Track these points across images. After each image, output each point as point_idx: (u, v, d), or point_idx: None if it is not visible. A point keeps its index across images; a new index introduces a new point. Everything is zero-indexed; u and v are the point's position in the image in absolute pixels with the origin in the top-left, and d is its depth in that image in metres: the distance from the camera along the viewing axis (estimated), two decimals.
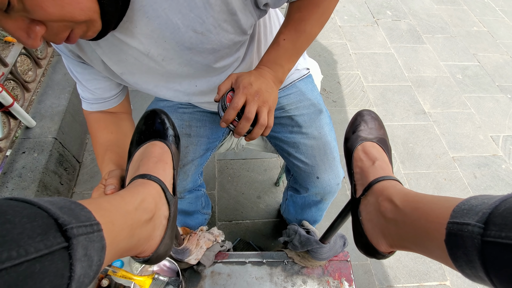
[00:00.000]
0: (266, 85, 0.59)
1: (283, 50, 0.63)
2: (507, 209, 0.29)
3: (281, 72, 0.63)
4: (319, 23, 0.64)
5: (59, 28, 0.43)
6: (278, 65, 0.63)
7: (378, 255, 0.49)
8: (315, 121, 0.88)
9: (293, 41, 0.62)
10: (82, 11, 0.43)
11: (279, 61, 0.63)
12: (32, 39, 0.41)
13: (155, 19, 0.52)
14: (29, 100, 1.45)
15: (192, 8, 0.51)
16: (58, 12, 0.40)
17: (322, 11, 0.62)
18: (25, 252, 0.22)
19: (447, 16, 2.75)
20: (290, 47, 0.63)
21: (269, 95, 0.58)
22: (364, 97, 2.05)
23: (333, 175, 0.88)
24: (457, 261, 0.33)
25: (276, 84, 0.63)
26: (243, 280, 0.93)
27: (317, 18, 0.62)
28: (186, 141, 0.88)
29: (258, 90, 0.57)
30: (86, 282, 0.28)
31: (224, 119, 0.56)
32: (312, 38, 0.65)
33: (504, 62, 2.39)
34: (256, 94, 0.56)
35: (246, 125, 0.56)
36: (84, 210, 0.30)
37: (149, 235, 0.42)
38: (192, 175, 0.91)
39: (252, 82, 0.57)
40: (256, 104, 0.56)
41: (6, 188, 1.26)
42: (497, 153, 1.84)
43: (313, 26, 0.63)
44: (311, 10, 0.61)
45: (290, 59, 0.64)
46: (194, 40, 0.56)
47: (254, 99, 0.56)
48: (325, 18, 0.64)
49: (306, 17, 0.61)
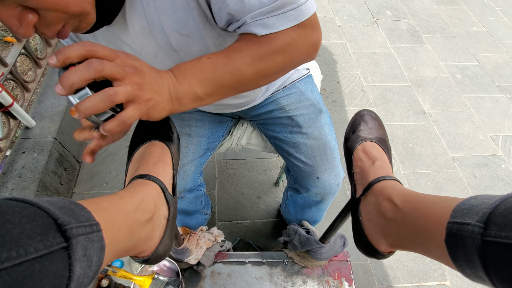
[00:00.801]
0: (157, 89, 0.42)
1: (201, 68, 0.48)
2: (507, 209, 0.29)
3: (184, 89, 0.46)
4: (254, 67, 0.51)
5: (52, 19, 0.42)
6: (185, 79, 0.47)
7: (378, 255, 0.49)
8: (315, 121, 0.88)
9: (216, 64, 0.49)
10: (76, 2, 0.42)
11: (190, 76, 0.47)
12: (24, 27, 0.40)
13: (144, 17, 0.52)
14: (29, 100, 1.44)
15: (175, 10, 0.51)
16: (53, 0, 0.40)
17: (261, 55, 0.50)
18: (24, 252, 0.22)
19: (446, 16, 2.75)
20: (210, 69, 0.48)
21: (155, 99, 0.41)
22: (364, 97, 2.05)
23: (333, 175, 0.88)
24: (457, 261, 0.33)
25: (171, 98, 0.45)
26: (243, 280, 0.93)
27: (253, 58, 0.50)
28: (186, 141, 0.88)
29: (143, 84, 0.40)
30: (85, 282, 0.28)
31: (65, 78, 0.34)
32: (239, 77, 0.51)
33: (503, 62, 2.39)
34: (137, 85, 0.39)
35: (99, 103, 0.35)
36: (84, 210, 0.30)
37: (149, 235, 0.42)
38: (192, 175, 0.91)
39: (144, 71, 0.41)
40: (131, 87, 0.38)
41: (5, 188, 1.26)
42: (497, 153, 1.84)
43: (245, 63, 0.50)
44: (250, 46, 0.51)
45: (203, 82, 0.48)
46: (180, 41, 0.55)
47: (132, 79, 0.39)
48: (264, 66, 0.52)
49: (242, 49, 0.51)
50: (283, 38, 0.51)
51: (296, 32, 0.51)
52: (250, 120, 1.01)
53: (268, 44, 0.50)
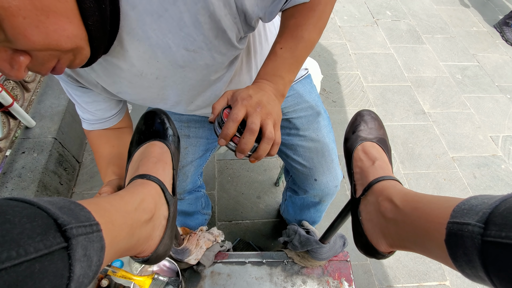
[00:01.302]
0: (267, 98, 0.52)
1: (281, 60, 0.56)
2: (507, 209, 0.29)
3: (281, 84, 0.56)
4: (317, 28, 0.59)
5: (44, 58, 0.40)
6: (277, 77, 0.56)
7: (378, 255, 0.49)
8: (313, 124, 0.88)
9: (291, 49, 0.57)
10: (68, 39, 0.40)
11: (278, 72, 0.56)
12: (16, 70, 0.39)
13: (145, 41, 0.51)
14: (29, 100, 1.44)
15: (182, 27, 0.50)
16: (43, 41, 0.38)
17: (319, 15, 0.57)
18: (24, 252, 0.22)
19: (446, 16, 2.75)
20: (289, 56, 0.57)
21: (272, 108, 0.51)
22: (364, 97, 2.05)
23: (331, 177, 0.88)
24: (457, 261, 0.33)
25: (278, 97, 0.55)
26: (243, 280, 0.93)
27: (314, 23, 0.58)
28: (185, 142, 0.88)
29: (259, 101, 0.50)
30: (85, 282, 0.27)
31: (223, 134, 0.48)
32: (312, 45, 0.59)
33: (503, 62, 2.39)
34: (257, 105, 0.49)
35: (250, 139, 0.48)
36: (84, 210, 0.30)
37: (149, 235, 0.42)
38: (192, 176, 0.90)
39: (252, 95, 0.50)
40: (259, 115, 0.49)
41: (5, 188, 1.26)
42: (497, 153, 1.84)
43: (311, 31, 0.57)
44: (306, 14, 0.57)
45: (290, 69, 0.57)
46: (187, 58, 0.55)
47: (256, 110, 0.49)
48: (322, 22, 0.59)
49: (302, 22, 0.57)
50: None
51: None
52: None
53: (318, 3, 0.56)
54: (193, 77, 0.61)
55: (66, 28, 0.40)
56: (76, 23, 0.41)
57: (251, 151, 0.50)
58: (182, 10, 0.48)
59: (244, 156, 0.50)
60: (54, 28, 0.38)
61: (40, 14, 0.36)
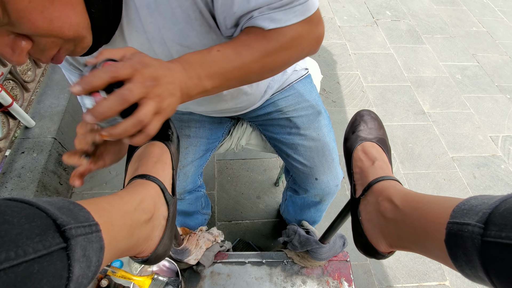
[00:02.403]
0: (169, 81, 0.42)
1: (212, 61, 0.48)
2: (507, 209, 0.29)
3: (194, 83, 0.46)
4: (261, 61, 0.51)
5: (46, 44, 0.41)
6: (195, 74, 0.46)
7: (377, 255, 0.49)
8: (314, 123, 0.88)
9: (226, 59, 0.49)
10: (71, 27, 0.41)
11: (199, 70, 0.47)
12: (17, 55, 0.39)
13: (143, 33, 0.51)
14: (28, 100, 1.44)
15: (175, 23, 0.50)
16: (47, 26, 0.38)
17: (269, 51, 0.50)
18: (23, 252, 0.22)
19: (446, 16, 2.75)
20: (220, 64, 0.48)
21: (167, 95, 0.41)
22: (364, 97, 2.05)
23: (331, 177, 0.88)
24: (457, 261, 0.33)
25: (182, 93, 0.45)
26: (243, 280, 0.93)
27: (262, 53, 0.50)
28: (185, 142, 0.88)
29: (156, 77, 0.40)
30: (84, 282, 0.27)
31: (85, 78, 0.36)
32: (247, 72, 0.51)
33: (503, 63, 2.39)
34: (152, 79, 0.39)
35: (113, 104, 0.36)
36: (83, 211, 0.30)
37: (148, 235, 0.41)
38: (192, 176, 0.90)
39: (154, 66, 0.40)
40: (145, 89, 0.38)
41: (5, 188, 1.25)
42: (496, 153, 1.84)
43: (254, 59, 0.50)
44: (259, 41, 0.50)
45: (213, 77, 0.48)
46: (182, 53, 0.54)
47: (146, 82, 0.38)
48: (269, 60, 0.52)
49: (251, 44, 0.50)
50: (290, 33, 0.51)
51: (303, 26, 0.51)
52: (249, 121, 1.00)
53: (276, 39, 0.50)
54: None
55: (69, 16, 0.40)
56: (79, 11, 0.42)
57: (108, 122, 0.38)
58: (173, 6, 0.48)
59: (97, 122, 0.37)
60: (58, 14, 0.39)
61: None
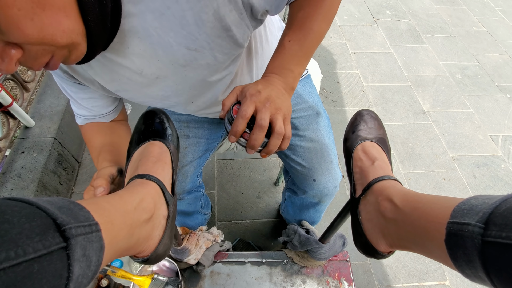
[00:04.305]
0: (276, 92, 0.52)
1: (290, 53, 0.56)
2: (508, 209, 0.29)
3: (291, 77, 0.56)
4: (326, 19, 0.58)
5: (37, 52, 0.39)
6: (287, 70, 0.56)
7: (377, 255, 0.49)
8: (312, 124, 0.88)
9: (300, 41, 0.56)
10: (64, 33, 0.39)
11: (287, 65, 0.56)
12: (6, 63, 0.37)
13: (146, 39, 0.50)
14: (28, 100, 1.44)
15: (184, 26, 0.49)
16: (37, 34, 0.36)
17: (328, 6, 0.56)
18: (23, 252, 0.22)
19: (446, 16, 2.75)
20: (297, 49, 0.56)
21: (281, 102, 0.51)
22: (364, 97, 2.05)
23: (330, 178, 0.88)
24: (457, 261, 0.33)
25: (287, 91, 0.55)
26: (243, 280, 0.93)
27: (323, 14, 0.56)
28: (184, 142, 0.88)
29: (268, 97, 0.50)
30: (84, 282, 0.27)
31: (233, 131, 0.49)
32: (321, 37, 0.58)
33: (503, 62, 2.39)
34: (266, 101, 0.49)
35: (260, 135, 0.48)
36: (83, 210, 0.30)
37: (148, 235, 0.41)
38: (191, 176, 0.90)
39: (261, 90, 0.50)
40: (268, 111, 0.49)
41: (5, 188, 1.25)
42: (497, 153, 1.84)
43: (320, 22, 0.56)
44: (315, 5, 0.56)
45: (299, 62, 0.57)
46: (188, 57, 0.54)
47: (265, 105, 0.49)
48: (331, 13, 0.58)
49: (311, 14, 0.56)
50: None
51: None
52: None
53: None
54: (193, 76, 0.60)
55: (62, 22, 0.39)
56: (73, 18, 0.40)
57: (262, 146, 0.51)
58: (184, 8, 0.47)
59: (255, 151, 0.51)
60: (50, 21, 0.37)
61: (36, 6, 0.35)
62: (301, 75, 0.58)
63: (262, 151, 0.52)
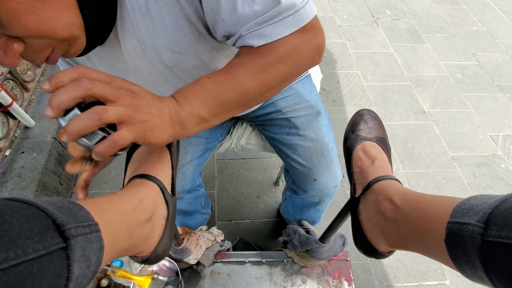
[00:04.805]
0: (156, 110, 0.40)
1: (201, 88, 0.46)
2: (508, 209, 0.29)
3: (187, 111, 0.44)
4: (257, 79, 0.48)
5: (39, 46, 0.40)
6: (186, 101, 0.45)
7: (377, 254, 0.49)
8: (313, 123, 0.88)
9: (217, 82, 0.47)
10: (64, 27, 0.40)
11: (190, 97, 0.45)
12: (10, 57, 0.38)
13: (135, 37, 0.51)
14: (28, 100, 1.44)
15: (165, 29, 0.49)
16: (38, 28, 0.37)
17: (263, 66, 0.48)
18: (23, 252, 0.22)
19: (446, 15, 2.75)
20: (211, 88, 0.46)
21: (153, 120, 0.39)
22: (364, 96, 2.05)
23: (330, 177, 0.88)
24: (457, 261, 0.33)
25: (173, 121, 0.43)
26: (243, 280, 0.93)
27: (255, 71, 0.48)
28: (184, 141, 0.88)
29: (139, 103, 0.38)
30: (84, 282, 0.27)
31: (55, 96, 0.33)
32: (243, 93, 0.48)
33: (503, 62, 2.39)
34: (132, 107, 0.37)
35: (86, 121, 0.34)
36: (83, 211, 0.30)
37: (148, 235, 0.41)
38: (191, 176, 0.90)
39: (141, 95, 0.39)
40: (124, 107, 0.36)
41: (5, 188, 1.25)
42: (497, 152, 1.84)
43: (248, 77, 0.47)
44: (250, 58, 0.48)
45: (205, 102, 0.46)
46: (173, 59, 0.54)
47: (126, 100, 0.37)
48: (267, 77, 0.49)
49: (242, 63, 0.48)
50: (284, 46, 0.48)
51: (298, 37, 0.49)
52: (248, 121, 1.00)
53: (269, 54, 0.48)
54: (184, 76, 0.60)
55: (62, 16, 0.39)
56: (72, 11, 0.41)
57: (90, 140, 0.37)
58: (163, 12, 0.47)
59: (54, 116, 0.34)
60: (50, 15, 0.38)
61: (35, 0, 0.36)
62: (201, 120, 0.46)
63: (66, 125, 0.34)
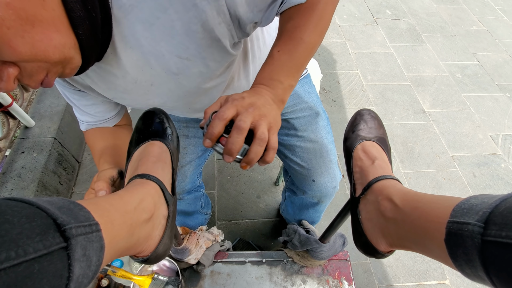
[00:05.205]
0: (263, 101, 0.47)
1: (279, 63, 0.52)
2: (508, 209, 0.29)
3: (280, 89, 0.51)
4: (317, 30, 0.55)
5: (33, 70, 0.40)
6: (275, 81, 0.51)
7: (377, 254, 0.49)
8: (311, 124, 0.88)
9: (290, 51, 0.53)
10: (56, 48, 0.40)
11: (276, 76, 0.52)
12: (5, 81, 0.38)
13: (138, 48, 0.51)
14: (28, 100, 1.44)
15: (174, 35, 0.49)
16: (29, 51, 0.37)
17: (319, 16, 0.54)
18: (23, 252, 0.22)
19: (446, 15, 2.75)
20: (287, 59, 0.52)
21: (267, 111, 0.46)
22: (364, 96, 2.05)
23: (329, 178, 0.88)
24: (457, 261, 0.33)
25: (276, 103, 0.50)
26: (243, 280, 0.93)
27: (314, 24, 0.54)
28: (184, 142, 0.88)
29: (252, 103, 0.45)
30: (85, 282, 0.27)
31: (208, 133, 0.42)
32: (312, 48, 0.55)
33: (503, 61, 2.39)
34: (249, 106, 0.44)
35: (237, 138, 0.42)
36: (83, 210, 0.30)
37: (148, 235, 0.41)
38: (191, 176, 0.90)
39: (245, 96, 0.46)
40: (250, 115, 0.43)
41: (5, 188, 1.25)
42: (497, 152, 1.84)
43: (310, 33, 0.53)
44: (305, 15, 0.53)
45: (289, 73, 0.53)
46: (180, 65, 0.54)
47: (248, 110, 0.44)
48: (323, 24, 0.55)
49: (301, 23, 0.53)
50: None
51: None
52: None
53: (317, 2, 0.53)
54: (187, 84, 0.60)
55: (53, 38, 0.39)
56: (64, 32, 0.40)
57: (242, 154, 0.44)
58: (173, 19, 0.47)
59: (234, 159, 0.44)
60: (40, 37, 0.38)
61: (25, 24, 0.36)
62: (292, 87, 0.54)
63: (242, 160, 0.45)
